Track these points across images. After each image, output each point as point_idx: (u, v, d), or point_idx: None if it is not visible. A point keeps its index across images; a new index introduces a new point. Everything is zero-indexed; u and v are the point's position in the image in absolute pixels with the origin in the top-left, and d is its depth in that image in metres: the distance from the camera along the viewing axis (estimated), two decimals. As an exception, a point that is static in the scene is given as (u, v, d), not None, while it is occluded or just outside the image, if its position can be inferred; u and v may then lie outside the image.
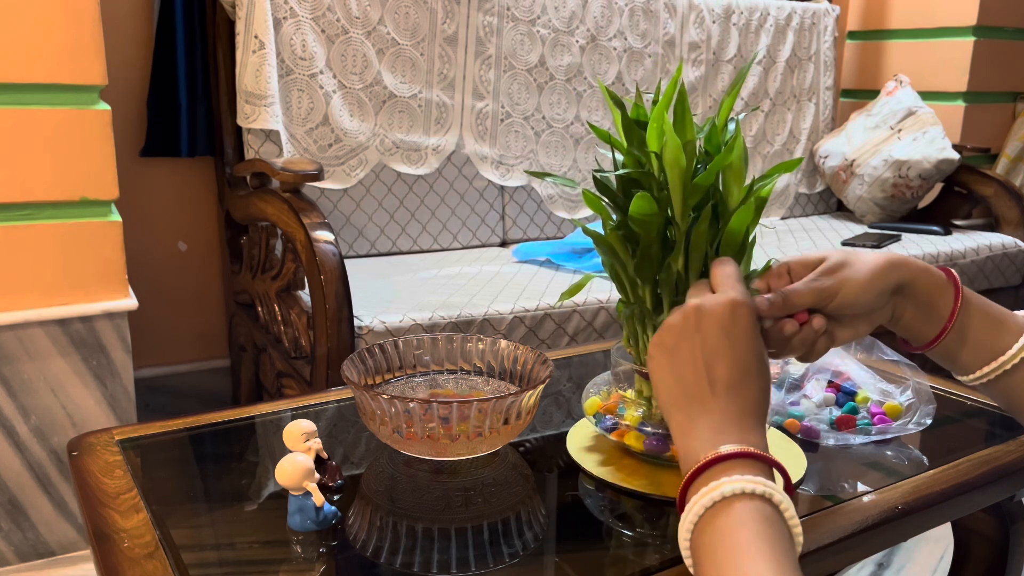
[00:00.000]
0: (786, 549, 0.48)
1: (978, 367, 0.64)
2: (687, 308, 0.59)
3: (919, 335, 0.66)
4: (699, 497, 0.50)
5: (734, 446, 0.52)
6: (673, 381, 0.58)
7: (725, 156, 0.64)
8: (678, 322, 0.59)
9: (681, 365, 0.57)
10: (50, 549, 1.45)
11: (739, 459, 0.52)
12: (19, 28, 1.26)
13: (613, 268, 0.72)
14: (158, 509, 0.65)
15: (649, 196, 0.64)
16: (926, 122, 2.41)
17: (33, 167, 1.31)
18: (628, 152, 0.69)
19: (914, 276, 0.64)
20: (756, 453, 0.52)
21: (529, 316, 1.52)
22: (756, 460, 0.52)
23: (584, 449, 0.76)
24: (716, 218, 0.67)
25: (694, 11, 2.31)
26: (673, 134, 0.63)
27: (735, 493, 0.49)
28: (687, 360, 0.57)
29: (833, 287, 0.63)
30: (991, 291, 2.25)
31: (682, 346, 0.58)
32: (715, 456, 0.52)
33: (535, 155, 2.10)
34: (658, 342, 0.60)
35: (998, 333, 0.63)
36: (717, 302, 0.58)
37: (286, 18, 1.74)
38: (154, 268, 1.90)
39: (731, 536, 0.48)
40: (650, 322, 0.70)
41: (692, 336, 0.58)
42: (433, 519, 0.65)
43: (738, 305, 0.58)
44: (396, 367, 0.82)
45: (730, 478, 0.50)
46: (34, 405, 1.39)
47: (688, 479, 0.53)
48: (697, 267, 0.67)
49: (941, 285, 0.64)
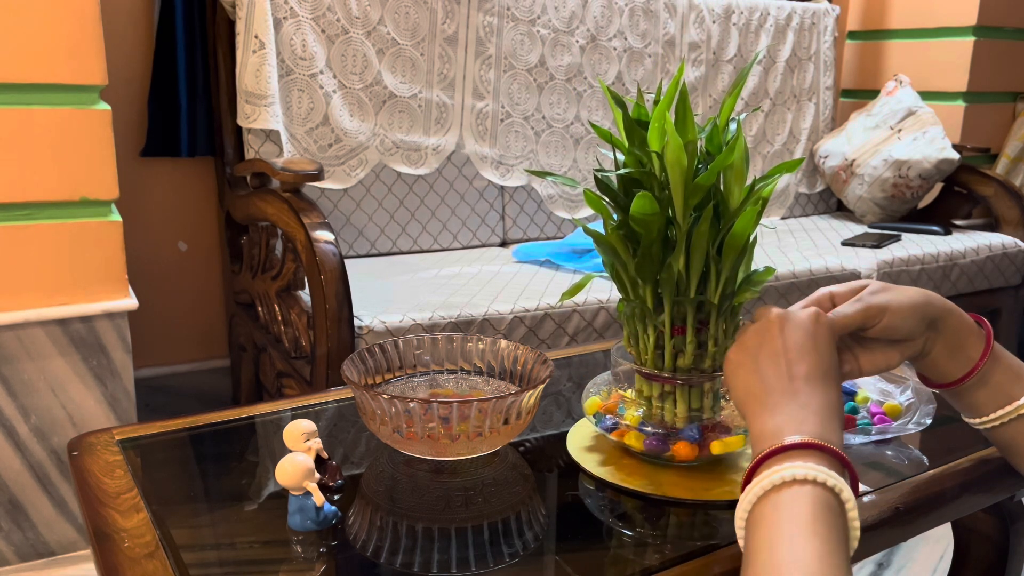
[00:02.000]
0: (841, 539, 0.48)
1: (990, 411, 0.66)
2: (770, 316, 0.61)
3: (943, 373, 0.67)
4: (769, 474, 0.51)
5: (810, 436, 0.52)
6: (755, 379, 0.59)
7: (727, 156, 0.64)
8: (761, 327, 0.61)
9: (764, 363, 0.59)
10: (50, 549, 1.45)
11: (813, 449, 0.52)
12: (19, 28, 1.26)
13: (614, 268, 0.72)
14: (158, 509, 0.65)
15: (650, 196, 0.64)
16: (926, 122, 2.41)
17: (33, 167, 1.31)
18: (629, 152, 0.69)
19: (947, 314, 0.65)
20: (830, 448, 0.52)
21: (529, 316, 1.52)
22: (829, 455, 0.52)
23: (584, 449, 0.76)
24: (717, 218, 0.67)
25: (694, 11, 2.31)
26: (675, 134, 0.63)
27: (805, 478, 0.50)
28: (769, 359, 0.59)
29: (880, 309, 0.64)
30: (991, 291, 2.25)
31: (765, 347, 0.59)
32: (791, 443, 0.52)
33: (535, 155, 2.10)
34: (739, 346, 0.62)
35: (1017, 384, 0.65)
36: (800, 312, 0.61)
37: (286, 18, 1.74)
38: (154, 268, 1.90)
39: (790, 510, 0.49)
40: (651, 322, 0.70)
41: (776, 338, 0.59)
42: (433, 519, 0.65)
43: (819, 315, 0.61)
44: (396, 367, 0.82)
45: (803, 463, 0.50)
46: (34, 405, 1.39)
47: (759, 459, 0.53)
48: (698, 267, 0.67)
49: (972, 328, 0.65)
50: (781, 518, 0.49)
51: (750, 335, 0.61)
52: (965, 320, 0.66)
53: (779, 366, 0.58)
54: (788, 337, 0.59)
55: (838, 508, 0.49)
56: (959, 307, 0.66)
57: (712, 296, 0.68)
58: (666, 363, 0.71)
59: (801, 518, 0.48)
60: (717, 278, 0.67)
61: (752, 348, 0.60)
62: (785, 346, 0.59)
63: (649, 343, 0.71)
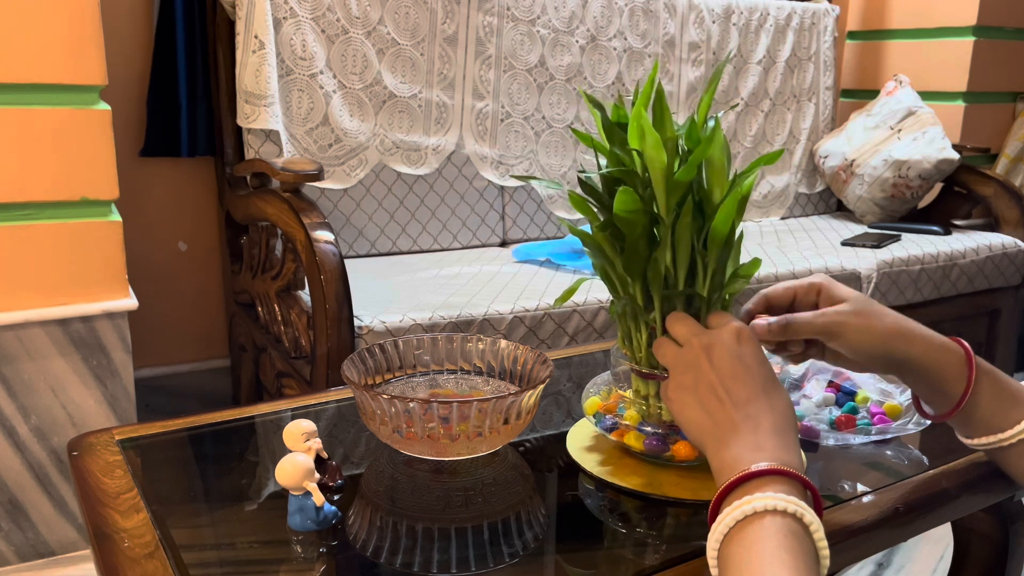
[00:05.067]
0: (811, 565, 0.49)
1: (981, 436, 0.66)
2: (695, 347, 0.61)
3: (930, 405, 0.69)
4: (731, 510, 0.51)
5: (768, 463, 0.53)
6: (702, 415, 0.60)
7: (704, 149, 0.64)
8: (690, 360, 0.61)
9: (705, 399, 0.59)
10: (50, 549, 1.45)
11: (772, 476, 0.53)
12: (19, 28, 1.26)
13: (603, 269, 0.72)
14: (158, 509, 0.65)
15: (631, 190, 0.64)
16: (926, 122, 2.41)
17: (33, 167, 1.31)
18: (610, 152, 0.69)
19: (922, 356, 0.65)
20: (789, 471, 0.53)
21: (529, 316, 1.52)
22: (789, 478, 0.53)
23: (584, 449, 0.76)
24: (700, 213, 0.67)
25: (694, 11, 2.31)
26: (652, 130, 0.63)
27: (766, 509, 0.50)
28: (708, 393, 0.59)
29: (836, 329, 0.65)
30: (991, 291, 2.25)
31: (700, 383, 0.60)
32: (748, 472, 0.53)
33: (535, 155, 2.10)
34: (676, 385, 0.62)
35: (1008, 411, 0.65)
36: (719, 332, 0.62)
37: (286, 18, 1.74)
38: (154, 268, 1.90)
39: (757, 547, 0.49)
40: (642, 319, 0.70)
41: (707, 371, 0.60)
42: (433, 519, 0.65)
43: (741, 330, 0.62)
44: (396, 367, 0.82)
45: (763, 494, 0.51)
46: (34, 405, 1.39)
47: (722, 492, 0.54)
48: (684, 261, 0.67)
49: (953, 365, 0.65)
50: (750, 555, 0.49)
51: (683, 370, 0.62)
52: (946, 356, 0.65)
53: (720, 398, 0.59)
54: (718, 366, 0.60)
55: (802, 533, 0.50)
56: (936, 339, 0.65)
57: (701, 289, 0.68)
58: (660, 360, 0.71)
59: (768, 552, 0.49)
60: (704, 272, 0.67)
61: (689, 386, 0.61)
62: (719, 376, 0.59)
63: (642, 341, 0.71)
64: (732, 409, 0.58)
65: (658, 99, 0.67)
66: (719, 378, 0.59)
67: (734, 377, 0.59)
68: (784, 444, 0.55)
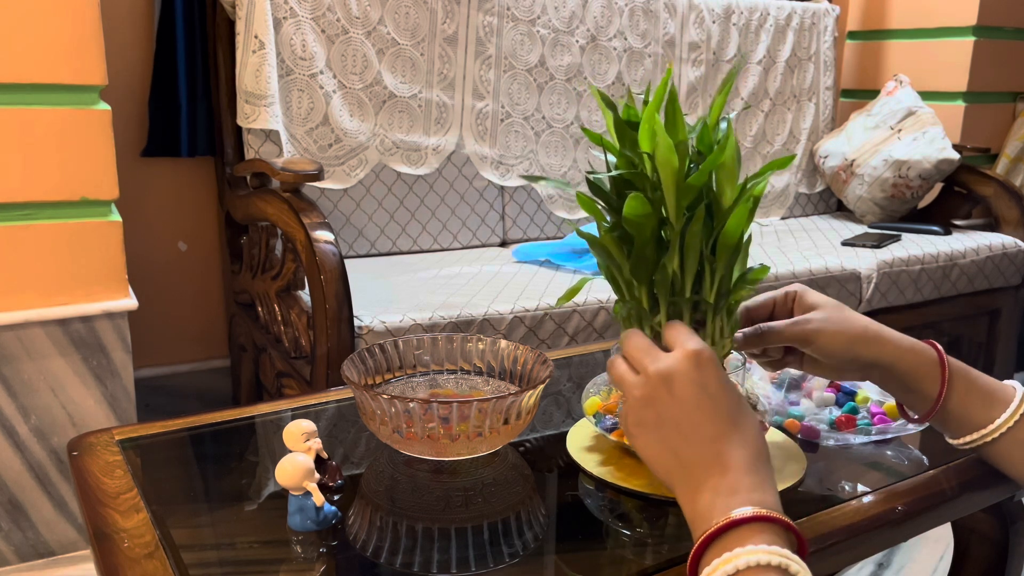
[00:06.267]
0: None
1: (964, 435, 0.67)
2: (652, 378, 0.57)
3: (909, 406, 0.70)
4: (711, 571, 0.49)
5: (748, 509, 0.50)
6: (667, 455, 0.56)
7: (717, 155, 0.64)
8: (649, 394, 0.57)
9: (670, 437, 0.56)
10: (50, 549, 1.45)
11: (753, 524, 0.50)
12: (20, 28, 1.26)
13: (609, 270, 0.72)
14: (158, 509, 0.65)
15: (642, 197, 0.64)
16: (926, 122, 2.41)
17: (33, 167, 1.31)
18: (621, 153, 0.69)
19: (894, 358, 0.66)
20: (770, 516, 0.50)
21: (529, 316, 1.52)
22: (770, 524, 0.50)
23: (584, 449, 0.76)
24: (710, 217, 0.67)
25: (694, 11, 2.31)
26: (664, 134, 0.63)
27: (748, 566, 0.48)
28: (673, 430, 0.56)
29: (807, 336, 0.67)
30: (991, 291, 2.25)
31: (663, 416, 0.56)
32: (728, 521, 0.50)
33: (535, 155, 2.10)
34: (637, 421, 0.58)
35: (986, 408, 0.66)
36: (677, 359, 0.57)
37: (286, 18, 1.74)
38: (154, 268, 1.90)
39: None
40: (647, 322, 0.70)
41: (668, 402, 0.56)
42: (433, 519, 0.65)
43: (699, 354, 0.57)
44: (396, 367, 0.82)
45: (744, 549, 0.48)
46: (34, 405, 1.39)
47: (700, 545, 0.51)
48: (692, 267, 0.67)
49: (926, 366, 0.66)
50: None
51: (643, 406, 0.57)
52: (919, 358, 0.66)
53: (685, 436, 0.55)
54: (680, 399, 0.55)
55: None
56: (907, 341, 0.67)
57: (708, 295, 0.67)
58: (664, 363, 0.71)
59: None
60: (712, 277, 0.67)
61: (651, 422, 0.57)
62: (682, 410, 0.55)
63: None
64: (699, 447, 0.54)
65: (671, 101, 0.66)
66: (683, 412, 0.55)
67: (699, 409, 0.55)
68: (759, 482, 0.52)
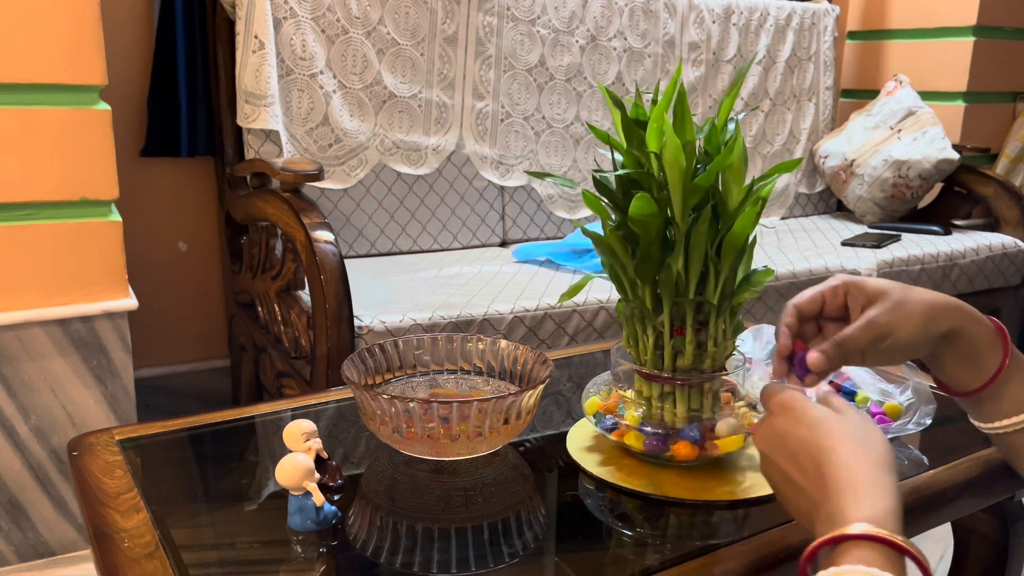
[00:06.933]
0: None
1: (999, 419, 0.64)
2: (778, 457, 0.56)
3: (956, 382, 0.66)
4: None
5: (864, 526, 0.46)
6: (802, 499, 0.54)
7: (725, 156, 0.64)
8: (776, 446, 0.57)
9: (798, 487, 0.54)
10: (50, 549, 1.45)
11: (868, 542, 0.46)
12: (19, 28, 1.26)
13: (613, 269, 0.72)
14: (158, 509, 0.65)
15: (649, 197, 0.64)
16: (926, 122, 2.41)
17: (33, 167, 1.31)
18: (628, 152, 0.69)
19: (965, 325, 0.63)
20: (887, 539, 0.45)
21: (529, 316, 1.52)
22: (887, 546, 0.45)
23: (584, 449, 0.76)
24: (716, 218, 0.67)
25: (694, 11, 2.31)
26: (673, 134, 0.63)
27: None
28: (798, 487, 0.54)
29: (887, 330, 0.62)
30: (991, 291, 2.25)
31: (789, 475, 0.55)
32: (840, 535, 0.46)
33: (535, 155, 2.10)
34: (774, 471, 0.57)
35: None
36: (808, 411, 0.57)
37: (286, 18, 1.74)
38: (154, 268, 1.90)
39: None
40: (650, 322, 0.70)
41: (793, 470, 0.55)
42: (433, 519, 0.65)
43: (793, 398, 0.59)
44: (396, 367, 0.82)
45: (853, 568, 0.44)
46: (34, 405, 1.39)
47: (811, 550, 0.48)
48: (697, 268, 0.67)
49: (989, 339, 0.63)
50: None
51: (776, 457, 0.56)
52: (985, 330, 0.64)
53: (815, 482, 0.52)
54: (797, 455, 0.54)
55: None
56: (970, 308, 0.64)
57: (711, 296, 0.67)
58: (666, 363, 0.71)
59: None
60: (716, 278, 0.67)
61: (778, 480, 0.56)
62: (803, 469, 0.53)
63: (648, 343, 0.71)
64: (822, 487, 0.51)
65: (679, 102, 0.66)
66: (804, 469, 0.53)
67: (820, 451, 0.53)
68: (882, 503, 0.49)
